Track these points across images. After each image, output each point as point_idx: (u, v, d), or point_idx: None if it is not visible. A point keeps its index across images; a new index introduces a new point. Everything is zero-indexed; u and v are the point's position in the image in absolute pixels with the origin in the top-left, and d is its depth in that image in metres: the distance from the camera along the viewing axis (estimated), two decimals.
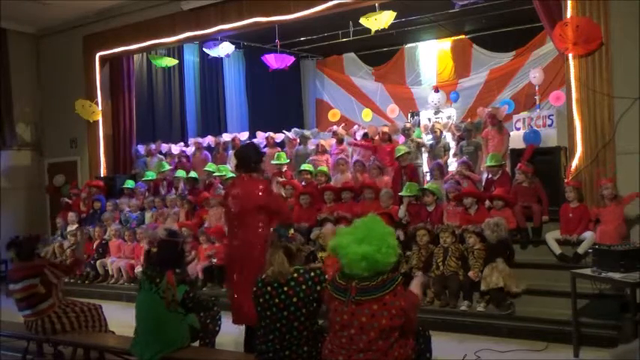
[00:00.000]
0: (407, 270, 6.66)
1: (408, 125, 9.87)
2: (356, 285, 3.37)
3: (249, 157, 5.11)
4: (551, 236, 6.53)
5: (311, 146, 10.19)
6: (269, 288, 3.67)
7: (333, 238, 3.53)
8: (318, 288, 3.67)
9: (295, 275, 3.68)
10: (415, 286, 3.84)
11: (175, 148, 11.37)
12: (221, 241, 8.07)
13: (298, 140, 10.46)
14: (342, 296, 3.41)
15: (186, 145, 11.52)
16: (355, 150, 9.93)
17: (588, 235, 6.29)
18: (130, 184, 10.51)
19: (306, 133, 10.56)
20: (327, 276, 3.76)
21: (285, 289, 3.64)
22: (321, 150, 9.86)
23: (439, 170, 8.24)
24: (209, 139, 11.24)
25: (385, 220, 7.03)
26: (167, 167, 10.70)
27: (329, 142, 10.24)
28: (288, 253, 3.74)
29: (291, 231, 3.93)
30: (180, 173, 10.14)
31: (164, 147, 11.44)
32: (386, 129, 9.70)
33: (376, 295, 3.32)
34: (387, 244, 3.39)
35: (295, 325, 3.65)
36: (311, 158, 9.61)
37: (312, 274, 3.72)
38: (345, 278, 3.44)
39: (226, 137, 11.22)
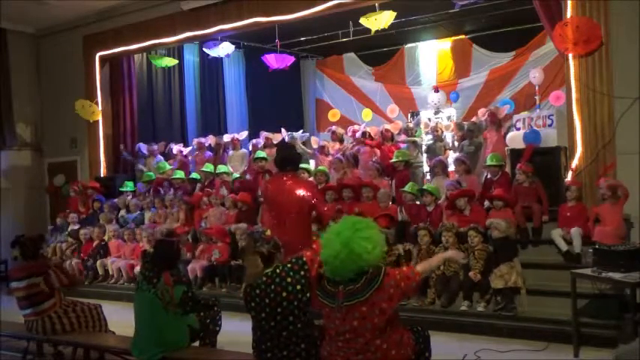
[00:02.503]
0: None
1: (411, 125, 9.88)
2: (343, 290, 3.38)
3: (294, 158, 5.42)
4: (557, 233, 6.51)
5: (314, 145, 10.38)
6: (257, 291, 3.70)
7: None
8: (302, 273, 3.69)
9: (278, 271, 3.72)
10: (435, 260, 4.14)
11: (176, 148, 11.36)
12: (223, 240, 8.08)
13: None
14: (331, 302, 3.42)
15: (187, 145, 11.50)
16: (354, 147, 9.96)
17: (573, 232, 6.32)
18: (129, 185, 10.50)
19: (295, 135, 10.59)
20: (305, 258, 3.76)
21: (273, 287, 3.67)
22: (325, 151, 9.93)
23: (441, 167, 8.23)
24: (210, 139, 11.23)
25: (385, 221, 7.01)
26: (168, 167, 10.69)
27: (332, 145, 10.26)
28: (262, 257, 3.82)
29: (267, 232, 3.98)
30: (179, 174, 10.14)
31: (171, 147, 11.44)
32: (388, 126, 9.71)
33: (363, 297, 3.32)
34: (349, 249, 3.33)
35: (290, 319, 3.68)
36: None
37: (289, 264, 3.75)
38: (332, 283, 3.46)
39: (226, 138, 11.23)
